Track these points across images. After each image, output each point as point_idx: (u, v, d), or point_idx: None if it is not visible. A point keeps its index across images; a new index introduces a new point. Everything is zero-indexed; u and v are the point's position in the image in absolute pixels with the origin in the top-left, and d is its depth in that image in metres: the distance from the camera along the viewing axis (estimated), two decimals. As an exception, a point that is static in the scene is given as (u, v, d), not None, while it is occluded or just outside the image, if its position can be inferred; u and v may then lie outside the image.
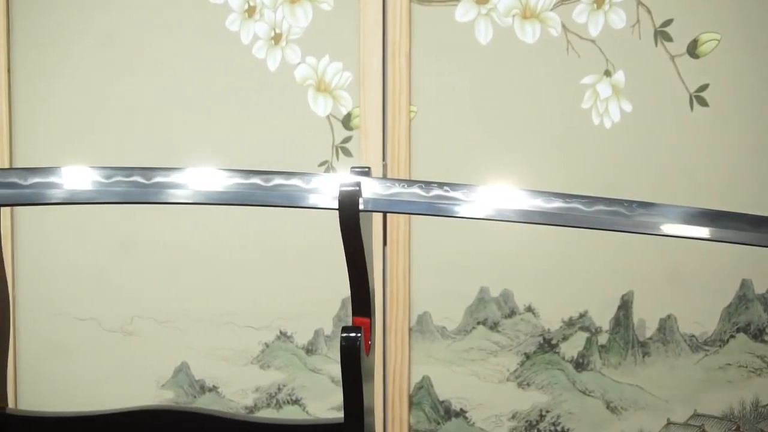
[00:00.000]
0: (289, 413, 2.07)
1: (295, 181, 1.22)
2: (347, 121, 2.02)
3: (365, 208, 1.20)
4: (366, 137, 2.00)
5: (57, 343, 2.09)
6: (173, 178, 1.23)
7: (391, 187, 1.22)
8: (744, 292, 2.03)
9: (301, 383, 2.07)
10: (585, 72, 1.99)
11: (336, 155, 2.03)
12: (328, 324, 2.06)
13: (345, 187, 1.19)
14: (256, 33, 2.02)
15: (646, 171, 2.00)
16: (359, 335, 1.18)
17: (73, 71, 2.05)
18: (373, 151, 2.00)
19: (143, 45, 2.04)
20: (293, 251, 2.04)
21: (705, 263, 2.01)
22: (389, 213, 1.90)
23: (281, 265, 2.04)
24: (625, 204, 1.20)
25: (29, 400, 2.09)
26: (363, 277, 1.20)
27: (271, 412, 2.08)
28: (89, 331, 2.09)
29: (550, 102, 2.00)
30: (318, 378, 2.07)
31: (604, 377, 2.05)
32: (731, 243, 1.19)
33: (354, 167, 1.23)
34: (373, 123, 2.00)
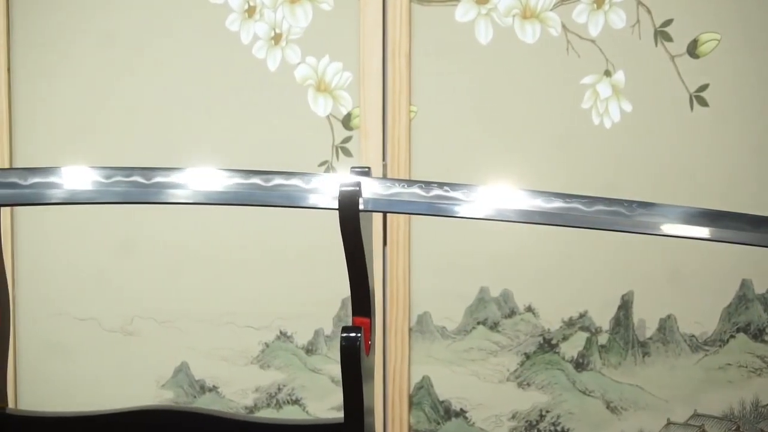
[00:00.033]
0: (289, 413, 2.06)
1: (295, 181, 1.22)
2: (347, 121, 2.02)
3: (365, 208, 1.20)
4: (366, 137, 2.00)
5: (57, 343, 2.09)
6: (173, 178, 1.23)
7: (391, 187, 1.21)
8: (744, 292, 2.03)
9: (301, 383, 2.07)
10: (585, 72, 1.99)
11: (336, 155, 2.03)
12: (328, 324, 2.06)
13: (345, 187, 1.19)
14: (256, 33, 2.02)
15: (646, 171, 2.00)
16: (359, 335, 1.18)
17: (74, 71, 2.05)
18: (373, 151, 2.00)
19: (143, 45, 2.03)
20: (293, 251, 2.04)
21: (705, 263, 2.01)
22: (389, 213, 1.90)
23: (281, 265, 2.04)
24: (625, 204, 1.20)
25: (29, 400, 2.09)
26: (363, 277, 1.20)
27: (271, 412, 2.08)
28: (89, 331, 2.09)
29: (550, 102, 2.00)
30: (318, 378, 2.07)
31: (604, 377, 2.05)
32: (731, 243, 1.19)
33: (354, 167, 1.23)
34: (373, 123, 2.00)
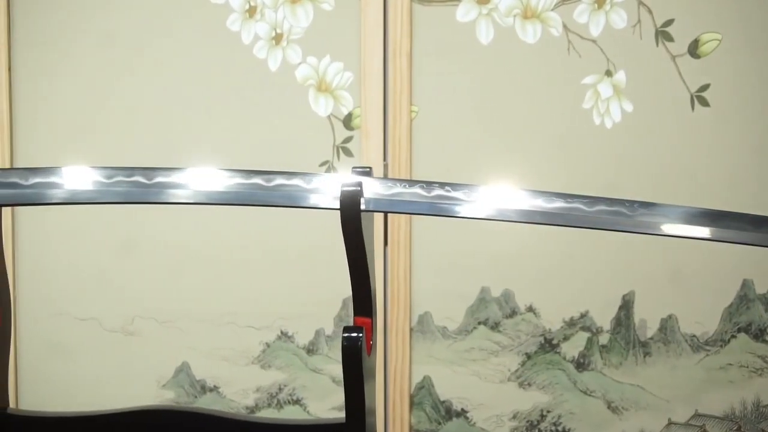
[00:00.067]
0: (290, 413, 2.06)
1: (297, 181, 1.22)
2: (348, 121, 2.02)
3: (367, 208, 1.20)
4: (367, 137, 2.00)
5: (58, 343, 2.09)
6: (174, 178, 1.23)
7: (393, 187, 1.21)
8: (745, 292, 2.03)
9: (302, 383, 2.07)
10: (586, 72, 1.99)
11: (337, 155, 2.03)
12: (329, 324, 2.06)
13: (346, 187, 1.19)
14: (257, 33, 2.02)
15: (647, 171, 2.00)
16: (361, 335, 1.18)
17: (74, 70, 2.05)
18: (374, 151, 2.00)
19: (144, 45, 2.03)
20: (294, 251, 2.04)
21: (706, 263, 2.01)
22: (390, 213, 1.90)
23: (282, 265, 2.04)
24: (627, 204, 1.20)
25: (30, 400, 2.09)
26: (364, 277, 1.20)
27: (272, 412, 2.08)
28: (90, 331, 2.08)
29: (551, 102, 2.00)
30: (319, 378, 2.07)
31: (605, 377, 2.05)
32: (732, 243, 1.19)
33: (355, 167, 1.23)
34: (374, 123, 2.00)
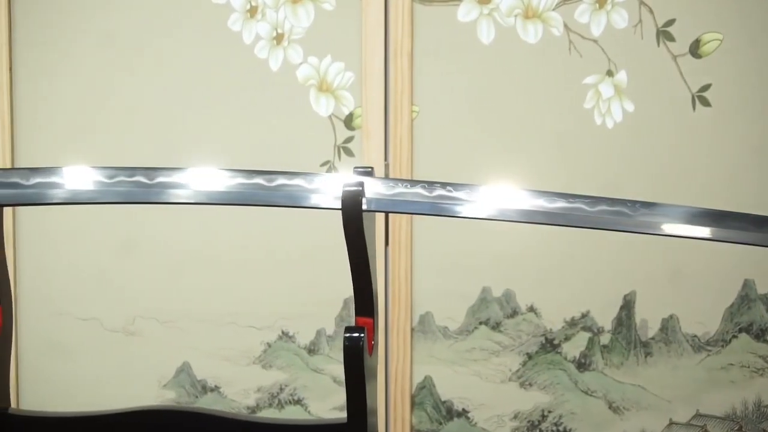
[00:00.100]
0: (291, 413, 2.06)
1: (298, 181, 1.22)
2: (349, 121, 2.02)
3: (368, 208, 1.20)
4: (368, 137, 2.00)
5: (58, 343, 2.09)
6: (176, 178, 1.23)
7: (394, 187, 1.21)
8: (746, 292, 2.02)
9: (303, 383, 2.07)
10: (587, 72, 1.99)
11: (338, 155, 2.02)
12: (330, 324, 2.05)
13: (348, 187, 1.19)
14: (258, 33, 2.02)
15: (648, 171, 2.00)
16: (362, 335, 1.18)
17: (74, 70, 2.05)
18: (375, 151, 2.00)
19: (144, 45, 2.03)
20: (295, 251, 2.04)
21: (707, 263, 2.00)
22: (392, 213, 1.90)
23: (283, 265, 2.04)
24: (628, 204, 1.20)
25: (31, 400, 2.09)
26: (366, 277, 1.20)
27: (273, 412, 2.08)
28: (91, 331, 2.08)
29: (552, 102, 2.00)
30: (320, 378, 2.07)
31: (606, 377, 2.04)
32: (734, 243, 1.19)
33: (357, 167, 1.22)
34: (375, 123, 2.00)
